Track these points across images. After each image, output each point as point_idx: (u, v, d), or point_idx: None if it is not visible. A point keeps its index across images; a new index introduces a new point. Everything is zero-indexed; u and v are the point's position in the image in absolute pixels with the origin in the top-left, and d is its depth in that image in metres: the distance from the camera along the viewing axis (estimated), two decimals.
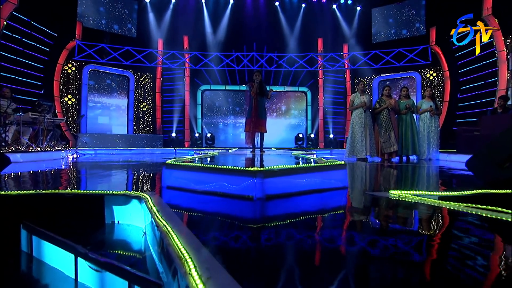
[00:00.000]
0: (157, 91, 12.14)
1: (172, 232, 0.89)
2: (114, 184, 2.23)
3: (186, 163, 1.83)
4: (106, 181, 2.32)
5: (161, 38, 11.71)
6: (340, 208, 1.50)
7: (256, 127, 5.78)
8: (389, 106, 6.14)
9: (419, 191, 1.72)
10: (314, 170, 1.78)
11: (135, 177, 2.62)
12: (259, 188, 1.53)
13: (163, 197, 1.77)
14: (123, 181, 2.39)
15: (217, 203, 1.55)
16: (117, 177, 2.57)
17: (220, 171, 1.65)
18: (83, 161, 5.08)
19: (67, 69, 10.29)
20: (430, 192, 1.70)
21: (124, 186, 2.12)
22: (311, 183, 1.77)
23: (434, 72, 10.76)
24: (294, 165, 1.70)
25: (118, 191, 1.62)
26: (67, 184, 2.08)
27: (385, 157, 6.11)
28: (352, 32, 12.03)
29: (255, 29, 11.71)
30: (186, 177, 1.80)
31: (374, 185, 2.27)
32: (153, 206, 1.29)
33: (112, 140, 9.95)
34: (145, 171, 3.40)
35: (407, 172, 3.47)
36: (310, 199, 1.69)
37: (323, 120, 12.36)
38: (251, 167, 1.55)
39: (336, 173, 1.92)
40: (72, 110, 10.54)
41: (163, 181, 1.94)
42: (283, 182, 1.64)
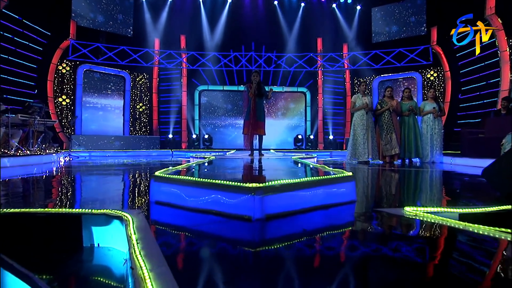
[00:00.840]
0: (153, 91, 11.93)
1: (149, 280, 0.70)
2: (98, 195, 2.03)
3: (176, 177, 1.64)
4: (90, 192, 2.12)
5: (157, 37, 11.50)
6: (349, 232, 1.31)
7: (254, 129, 5.59)
8: (391, 108, 5.97)
9: (436, 208, 1.53)
10: (320, 184, 1.59)
11: (123, 186, 2.42)
12: (259, 207, 1.34)
13: (150, 215, 1.58)
14: (109, 192, 2.19)
15: (210, 225, 1.36)
16: (103, 187, 2.37)
17: (214, 187, 1.46)
18: (74, 165, 4.87)
19: (61, 69, 10.06)
20: (450, 209, 1.52)
21: (108, 199, 1.92)
22: (316, 198, 1.58)
23: (434, 73, 10.62)
24: (298, 179, 1.51)
25: (97, 210, 1.43)
26: (43, 197, 1.89)
27: (387, 160, 5.94)
28: (352, 31, 11.86)
29: (254, 29, 11.52)
30: (176, 192, 1.60)
31: (384, 197, 2.08)
32: (133, 233, 1.10)
33: (107, 141, 9.74)
34: (137, 178, 3.20)
35: (414, 179, 3.29)
36: (316, 218, 1.50)
37: (323, 121, 12.19)
38: (249, 183, 1.36)
39: (344, 186, 1.74)
40: (67, 111, 10.31)
41: (151, 195, 1.75)
42: (286, 199, 1.45)
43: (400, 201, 1.98)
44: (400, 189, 2.45)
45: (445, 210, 1.51)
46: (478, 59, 9.14)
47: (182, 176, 1.63)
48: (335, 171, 2.10)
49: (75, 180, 2.79)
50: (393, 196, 2.16)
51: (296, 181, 1.50)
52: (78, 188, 2.33)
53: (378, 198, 2.08)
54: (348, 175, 1.81)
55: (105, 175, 3.33)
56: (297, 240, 1.22)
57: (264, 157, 5.11)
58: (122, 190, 2.19)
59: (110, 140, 9.79)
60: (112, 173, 3.65)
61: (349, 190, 1.79)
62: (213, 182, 1.48)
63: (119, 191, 2.17)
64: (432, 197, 2.08)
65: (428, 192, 2.29)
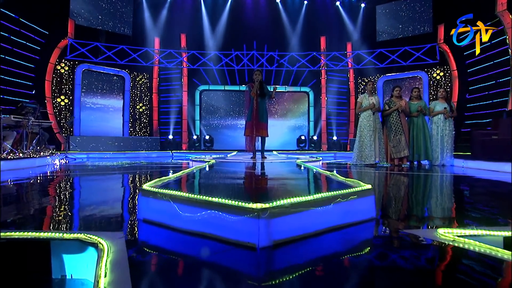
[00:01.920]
0: (153, 91, 11.71)
1: None
2: (78, 210, 1.79)
3: (166, 192, 1.39)
4: (69, 205, 1.87)
5: (157, 36, 11.28)
6: (375, 262, 1.06)
7: (257, 131, 5.35)
8: (399, 108, 5.71)
9: (476, 230, 1.28)
10: (336, 201, 1.34)
11: (111, 197, 2.18)
12: (264, 232, 1.09)
13: (135, 236, 1.33)
14: (92, 205, 1.94)
15: (205, 253, 1.11)
16: (87, 198, 2.13)
17: (210, 206, 1.21)
18: (66, 169, 4.64)
19: (59, 69, 9.85)
20: (492, 232, 1.27)
21: (89, 216, 1.67)
22: (332, 217, 1.33)
23: (441, 72, 10.33)
24: (311, 196, 1.26)
25: (70, 234, 1.19)
26: (7, 212, 1.64)
27: (395, 163, 5.67)
28: (356, 30, 11.58)
29: (255, 27, 11.27)
30: (167, 209, 1.36)
31: (405, 212, 1.82)
32: (102, 272, 0.85)
33: (106, 143, 9.52)
34: (129, 185, 2.96)
35: (432, 186, 3.03)
36: (332, 244, 1.25)
37: (326, 121, 11.93)
38: (252, 203, 1.11)
39: (363, 201, 1.48)
40: (65, 112, 10.10)
41: (138, 212, 1.50)
42: (297, 221, 1.20)
43: (426, 218, 1.72)
44: (421, 200, 2.19)
45: (488, 233, 1.26)
46: (486, 58, 8.86)
47: (174, 191, 1.38)
48: (349, 181, 1.85)
49: (57, 189, 2.53)
50: (415, 209, 1.90)
51: (309, 199, 1.25)
52: (56, 200, 2.06)
53: (398, 212, 1.82)
54: (366, 188, 1.55)
55: (95, 181, 3.09)
56: (312, 275, 0.97)
57: (267, 160, 4.86)
58: (109, 203, 1.95)
59: (109, 142, 9.57)
60: (104, 178, 3.41)
61: (369, 206, 1.54)
62: (209, 200, 1.23)
63: (104, 204, 1.92)
64: (462, 211, 1.82)
65: (454, 203, 2.03)
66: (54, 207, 1.81)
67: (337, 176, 2.11)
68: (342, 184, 1.80)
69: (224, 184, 1.97)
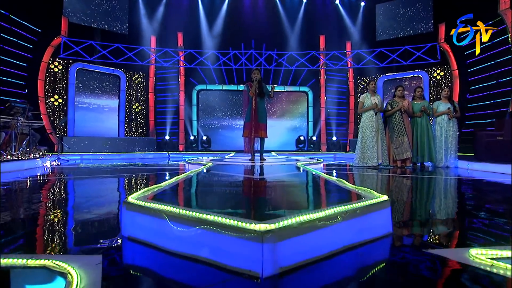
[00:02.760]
0: (150, 91, 11.49)
1: None
2: (53, 226, 1.59)
3: (153, 206, 1.20)
4: (45, 218, 1.67)
5: (153, 35, 11.06)
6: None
7: (255, 131, 5.17)
8: (402, 108, 5.55)
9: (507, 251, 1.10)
10: (351, 216, 1.16)
11: (96, 207, 1.97)
12: (269, 259, 0.90)
13: (118, 258, 1.14)
14: (71, 218, 1.74)
15: (197, 284, 0.92)
16: (66, 210, 1.91)
17: (205, 224, 1.02)
18: (56, 172, 4.43)
19: (53, 68, 9.61)
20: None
21: (64, 233, 1.47)
22: (346, 236, 1.15)
23: (441, 71, 10.20)
24: (322, 212, 1.08)
25: (34, 260, 0.99)
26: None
27: (398, 165, 5.51)
28: (356, 29, 11.43)
29: (254, 26, 11.09)
30: (155, 227, 1.17)
31: (423, 225, 1.64)
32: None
33: (101, 143, 9.29)
34: (118, 192, 2.76)
35: (444, 191, 2.85)
36: (348, 268, 1.06)
37: (325, 121, 11.76)
38: (254, 222, 0.93)
39: (379, 215, 1.30)
40: (59, 112, 9.86)
41: (122, 228, 1.31)
42: (306, 243, 1.02)
43: (450, 233, 1.54)
44: (437, 209, 2.01)
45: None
46: (487, 57, 8.75)
47: (163, 205, 1.19)
48: (360, 189, 1.67)
49: (35, 196, 2.31)
50: (433, 221, 1.72)
51: (321, 215, 1.07)
52: (28, 211, 1.83)
53: (415, 225, 1.64)
54: (383, 199, 1.37)
55: (81, 186, 2.88)
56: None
57: (266, 162, 4.68)
58: (92, 214, 1.75)
59: (103, 142, 9.34)
60: (92, 183, 3.20)
61: (385, 220, 1.36)
62: (203, 218, 1.04)
63: (86, 216, 1.72)
64: (490, 225, 1.64)
65: (478, 214, 1.85)
66: (23, 221, 1.56)
67: (345, 183, 1.92)
68: (353, 194, 1.62)
69: (221, 193, 1.78)
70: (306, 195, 1.77)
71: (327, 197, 1.70)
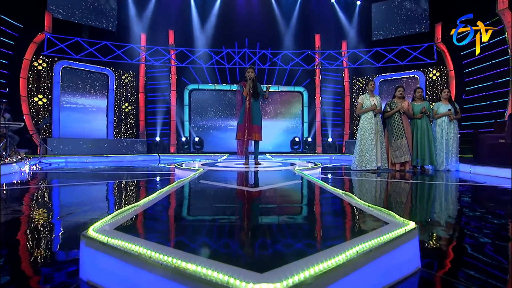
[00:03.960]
0: (140, 90, 11.11)
1: None
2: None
3: (119, 244, 0.92)
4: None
5: (143, 32, 10.68)
6: None
7: (249, 134, 4.89)
8: (402, 110, 5.35)
9: None
10: (375, 256, 0.89)
11: (59, 232, 1.66)
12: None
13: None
14: (20, 250, 1.42)
15: None
16: (24, 234, 1.60)
17: (184, 277, 0.75)
18: (34, 177, 4.08)
19: (36, 66, 9.16)
20: None
21: (7, 270, 1.16)
22: (369, 282, 0.89)
23: (437, 72, 10.10)
24: (341, 256, 0.82)
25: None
26: None
27: (396, 168, 5.31)
28: (351, 28, 11.26)
29: (248, 24, 10.81)
30: (120, 271, 0.89)
31: (455, 254, 1.39)
32: None
33: (88, 145, 8.89)
34: (95, 206, 2.45)
35: (457, 201, 2.63)
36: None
37: (321, 122, 11.56)
38: (253, 283, 0.65)
39: (406, 248, 1.04)
40: (44, 112, 9.42)
41: (81, 270, 1.02)
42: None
43: (492, 265, 1.29)
44: (458, 227, 1.76)
45: None
46: (484, 58, 8.66)
47: (131, 244, 0.91)
48: (377, 209, 1.41)
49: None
50: (462, 245, 1.47)
51: (340, 261, 0.80)
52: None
53: (442, 253, 1.39)
54: (411, 227, 1.11)
55: (52, 198, 2.56)
56: None
57: (261, 167, 4.41)
58: (48, 246, 1.43)
59: (90, 144, 8.94)
60: (67, 194, 2.88)
61: (413, 253, 1.10)
62: (181, 268, 0.76)
63: (41, 246, 1.41)
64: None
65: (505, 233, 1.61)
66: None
67: (356, 199, 1.67)
68: (369, 216, 1.36)
69: (210, 220, 1.50)
70: (313, 220, 1.50)
71: (339, 223, 1.44)
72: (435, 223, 1.74)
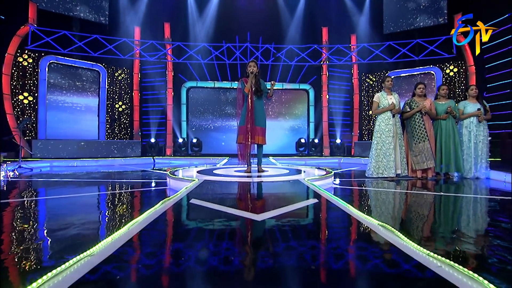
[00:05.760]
0: (134, 88, 10.68)
1: None
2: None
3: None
4: None
5: (137, 25, 10.25)
6: None
7: (252, 137, 4.43)
8: (423, 109, 4.86)
9: None
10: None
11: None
12: None
13: None
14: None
15: None
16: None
17: None
18: (4, 187, 3.64)
19: (21, 61, 8.73)
20: None
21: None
22: None
23: (455, 67, 9.58)
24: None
25: None
26: None
27: (418, 175, 4.83)
28: (361, 20, 10.76)
29: (249, 16, 10.35)
30: None
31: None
32: None
33: (77, 148, 8.45)
34: (54, 240, 1.99)
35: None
36: None
37: (328, 122, 11.08)
38: None
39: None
40: (30, 111, 8.99)
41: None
42: None
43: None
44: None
45: None
46: (508, 52, 8.16)
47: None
48: (436, 259, 0.93)
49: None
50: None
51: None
52: None
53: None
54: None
55: (9, 222, 2.10)
56: None
57: (265, 178, 3.93)
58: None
59: (79, 146, 8.50)
60: (34, 214, 2.42)
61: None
62: None
63: None
64: None
65: None
66: None
67: (403, 239, 1.19)
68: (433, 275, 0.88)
69: (199, 271, 1.02)
70: (345, 274, 1.02)
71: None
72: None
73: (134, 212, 2.07)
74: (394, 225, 1.66)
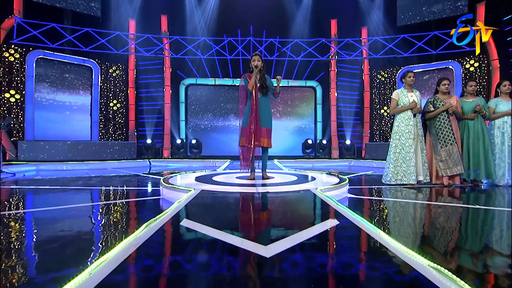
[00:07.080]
0: (130, 85, 10.36)
1: None
2: None
3: None
4: None
5: (132, 18, 9.93)
6: None
7: (256, 139, 4.07)
8: (450, 109, 4.46)
9: None
10: None
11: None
12: None
13: None
14: None
15: None
16: None
17: None
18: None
19: (7, 56, 8.43)
20: None
21: None
22: None
23: (476, 62, 9.13)
24: None
25: None
26: None
27: (444, 182, 4.44)
28: (373, 12, 10.35)
29: (252, 8, 9.99)
30: None
31: None
32: None
33: (66, 149, 8.14)
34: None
35: None
36: None
37: (336, 122, 10.68)
38: None
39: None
40: (17, 110, 8.69)
41: None
42: None
43: None
44: None
45: None
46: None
47: None
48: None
49: None
50: None
51: None
52: None
53: None
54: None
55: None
56: None
57: (271, 187, 3.55)
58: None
59: (69, 148, 8.18)
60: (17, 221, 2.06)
61: None
62: None
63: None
64: None
65: None
66: None
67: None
68: None
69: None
70: None
71: None
72: None
73: (104, 241, 1.70)
74: (449, 265, 1.28)
